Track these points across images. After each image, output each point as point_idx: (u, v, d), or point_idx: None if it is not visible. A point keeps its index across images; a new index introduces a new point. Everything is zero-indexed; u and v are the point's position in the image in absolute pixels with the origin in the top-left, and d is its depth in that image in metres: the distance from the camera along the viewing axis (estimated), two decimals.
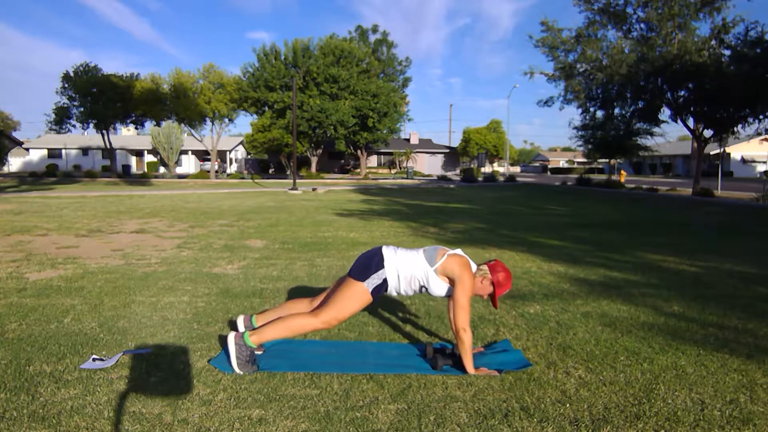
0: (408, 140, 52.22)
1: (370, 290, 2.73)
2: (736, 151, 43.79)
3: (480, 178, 33.39)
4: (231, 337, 2.64)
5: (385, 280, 2.74)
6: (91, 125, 31.14)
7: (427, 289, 2.79)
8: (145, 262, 5.43)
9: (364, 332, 3.26)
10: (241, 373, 2.57)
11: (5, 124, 61.80)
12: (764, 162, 41.30)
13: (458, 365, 2.67)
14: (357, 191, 20.82)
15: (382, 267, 2.74)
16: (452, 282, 2.73)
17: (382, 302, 3.85)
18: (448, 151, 51.33)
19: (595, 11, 20.44)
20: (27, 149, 46.32)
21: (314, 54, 32.09)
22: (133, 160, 46.37)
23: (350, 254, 5.89)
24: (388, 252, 2.80)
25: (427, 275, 2.74)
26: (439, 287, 2.76)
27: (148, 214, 10.69)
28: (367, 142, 35.85)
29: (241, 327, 2.99)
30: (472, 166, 40.75)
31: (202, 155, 43.91)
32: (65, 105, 30.44)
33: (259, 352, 2.86)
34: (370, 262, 2.77)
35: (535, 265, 5.42)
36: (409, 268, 2.76)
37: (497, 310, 3.68)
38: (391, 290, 2.81)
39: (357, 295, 2.72)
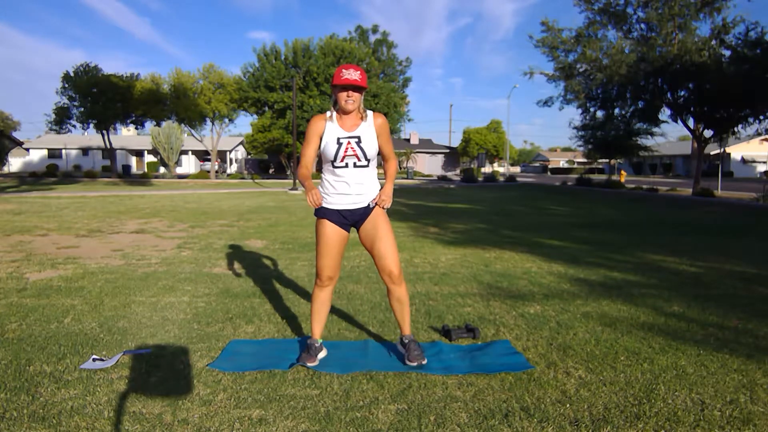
0: (408, 140, 52.19)
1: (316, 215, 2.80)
2: (736, 151, 43.78)
3: (480, 179, 33.39)
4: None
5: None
6: (91, 125, 31.16)
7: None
8: (145, 262, 5.43)
9: (363, 332, 3.26)
10: (309, 365, 2.65)
11: (5, 124, 61.79)
12: (764, 162, 41.28)
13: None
14: None
15: None
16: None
17: (382, 302, 3.84)
18: (448, 151, 51.33)
19: (595, 11, 20.47)
20: (27, 149, 46.33)
21: (314, 54, 32.07)
22: (133, 160, 46.39)
23: (350, 254, 5.89)
24: None
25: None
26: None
27: (148, 214, 10.69)
28: None
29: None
30: (472, 166, 40.75)
31: (202, 155, 43.91)
32: (65, 105, 30.46)
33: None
34: None
35: (535, 265, 5.42)
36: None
37: (498, 309, 3.68)
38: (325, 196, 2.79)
39: (316, 233, 2.81)
